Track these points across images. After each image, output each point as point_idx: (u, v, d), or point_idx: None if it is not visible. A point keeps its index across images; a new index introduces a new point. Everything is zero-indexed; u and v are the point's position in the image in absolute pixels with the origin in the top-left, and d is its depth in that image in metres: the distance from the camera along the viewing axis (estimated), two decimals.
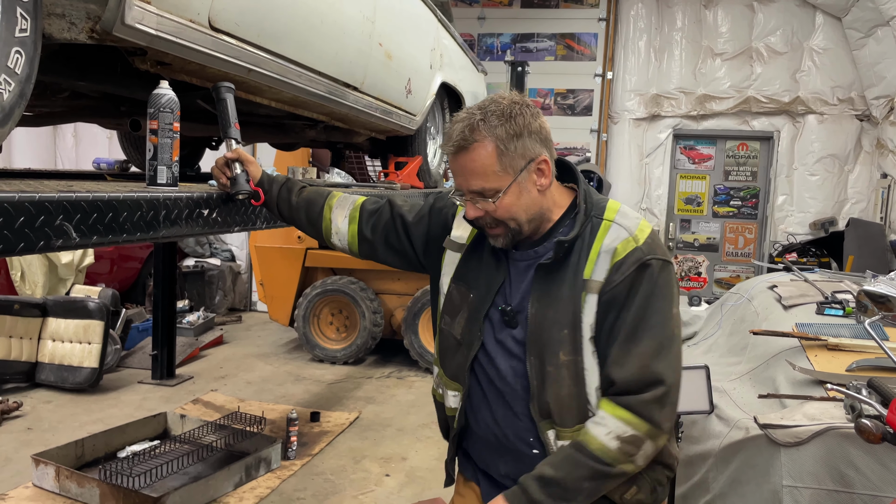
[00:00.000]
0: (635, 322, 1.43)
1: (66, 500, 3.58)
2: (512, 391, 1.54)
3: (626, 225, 1.49)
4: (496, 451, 1.61)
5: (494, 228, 1.52)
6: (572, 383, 1.47)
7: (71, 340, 5.34)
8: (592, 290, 1.45)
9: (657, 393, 1.42)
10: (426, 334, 6.38)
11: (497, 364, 1.56)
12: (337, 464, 4.28)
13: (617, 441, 1.41)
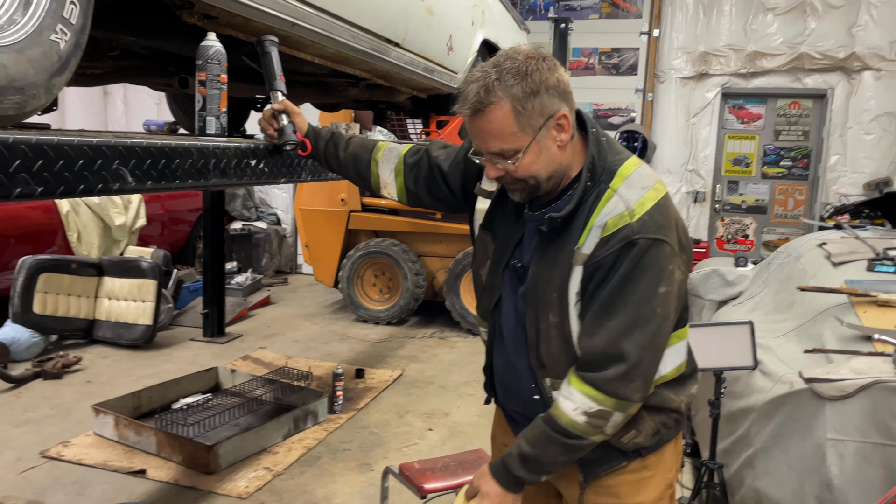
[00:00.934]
0: (610, 298, 1.42)
1: (124, 448, 3.77)
2: (518, 340, 1.60)
3: (626, 197, 1.44)
4: (506, 391, 1.69)
5: (514, 185, 1.52)
6: (562, 341, 1.50)
7: (126, 299, 5.55)
8: (579, 262, 1.45)
9: (620, 370, 1.41)
10: (468, 296, 6.43)
11: (509, 315, 1.61)
12: (381, 418, 4.39)
13: (584, 416, 1.43)
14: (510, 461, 1.51)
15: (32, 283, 5.22)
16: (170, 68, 2.90)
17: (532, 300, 1.52)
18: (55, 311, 5.33)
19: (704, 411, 3.16)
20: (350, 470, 3.66)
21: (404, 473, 2.89)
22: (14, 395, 4.48)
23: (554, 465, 1.49)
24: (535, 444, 1.48)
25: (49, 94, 1.45)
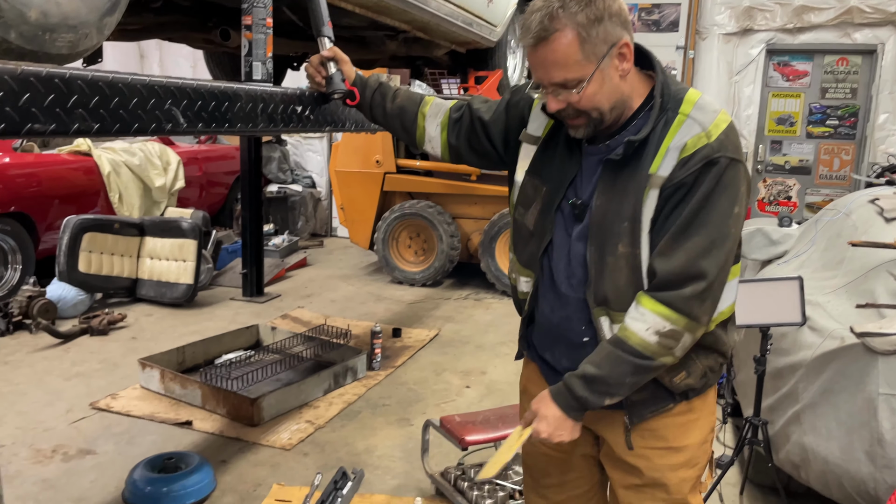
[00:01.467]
0: (690, 217, 1.41)
1: (170, 401, 3.87)
2: (570, 282, 1.57)
3: (700, 120, 1.43)
4: (552, 339, 1.67)
5: (576, 119, 1.49)
6: (630, 273, 1.48)
7: (167, 258, 5.65)
8: (655, 186, 1.43)
9: (698, 288, 1.41)
10: (503, 258, 6.41)
11: (562, 256, 1.58)
12: (419, 375, 4.43)
13: (656, 336, 1.43)
14: (572, 383, 1.49)
15: (77, 243, 5.34)
16: (210, 22, 2.90)
17: (596, 234, 1.50)
18: (99, 270, 5.46)
19: (747, 370, 3.12)
20: (390, 424, 3.71)
21: (445, 426, 2.92)
22: (63, 350, 4.61)
23: (619, 387, 1.47)
24: (601, 365, 1.47)
25: (100, 35, 1.46)
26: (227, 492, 2.97)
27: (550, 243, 1.60)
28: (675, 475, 1.60)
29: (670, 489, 1.59)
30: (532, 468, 1.86)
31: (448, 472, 2.98)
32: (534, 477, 1.86)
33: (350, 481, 2.93)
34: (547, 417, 1.51)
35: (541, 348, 1.73)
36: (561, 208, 1.58)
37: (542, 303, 1.66)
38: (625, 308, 1.49)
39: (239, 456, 3.29)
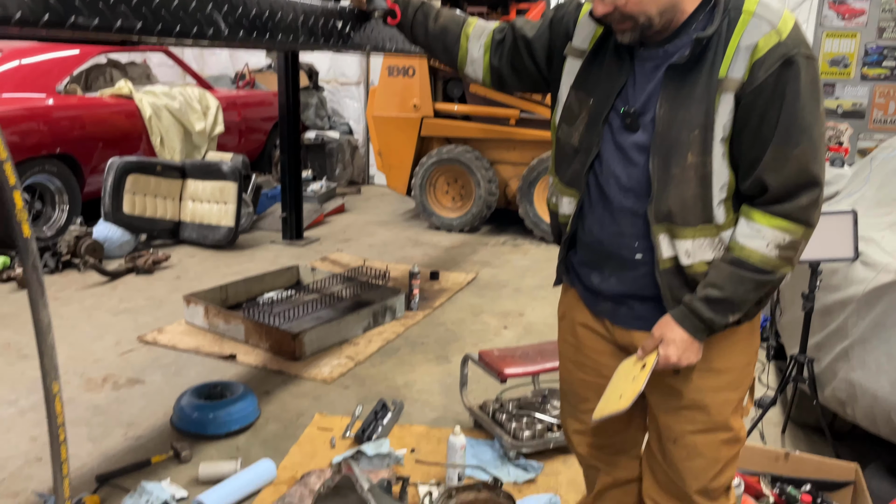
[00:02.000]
0: (788, 123, 1.36)
1: (214, 335, 3.96)
2: (624, 196, 1.52)
3: (768, 17, 1.37)
4: (600, 258, 1.62)
5: (622, 24, 1.44)
6: (698, 184, 1.43)
7: (208, 201, 5.72)
8: (729, 90, 1.38)
9: (813, 196, 1.39)
10: (541, 204, 6.34)
11: (613, 169, 1.53)
12: (457, 316, 4.45)
13: (777, 250, 1.40)
14: (697, 306, 1.46)
15: (121, 184, 5.43)
16: None
17: (661, 145, 1.44)
18: (143, 212, 5.56)
19: (793, 310, 3.06)
20: (428, 361, 3.74)
21: (484, 360, 2.93)
22: (110, 288, 4.74)
23: (744, 303, 1.45)
24: (723, 286, 1.44)
25: None
26: (270, 420, 3.05)
27: (598, 158, 1.55)
28: (717, 397, 1.57)
29: (711, 411, 1.57)
30: (569, 394, 1.85)
31: (486, 404, 3.00)
32: (571, 403, 1.85)
33: (390, 412, 2.99)
34: (675, 341, 1.48)
35: (585, 271, 1.68)
36: (609, 120, 1.53)
37: (588, 221, 1.61)
38: (688, 223, 1.45)
39: (281, 387, 3.36)
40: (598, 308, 1.67)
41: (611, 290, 1.60)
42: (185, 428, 2.89)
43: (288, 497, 2.43)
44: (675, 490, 1.65)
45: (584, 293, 1.72)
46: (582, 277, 1.69)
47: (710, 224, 1.45)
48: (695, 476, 1.60)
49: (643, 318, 1.58)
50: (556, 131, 1.66)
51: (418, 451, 2.81)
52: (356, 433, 2.90)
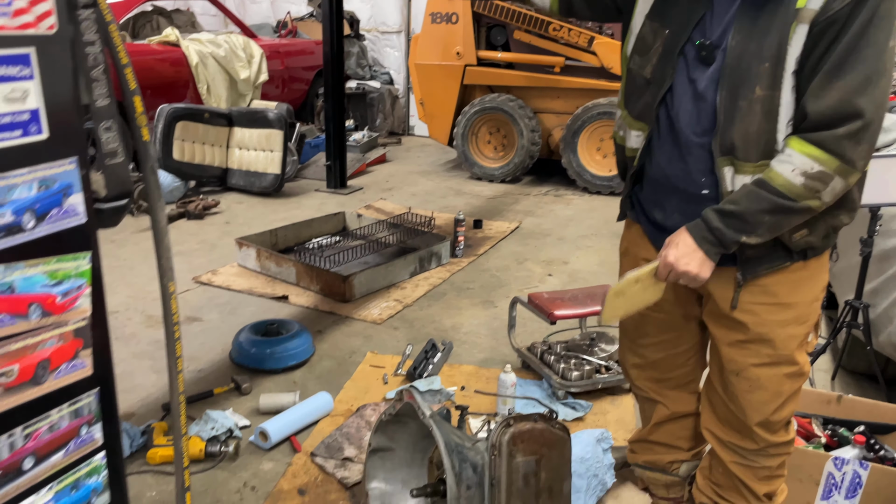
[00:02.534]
0: (845, 53, 1.32)
1: (266, 278, 4.06)
2: (693, 130, 1.50)
3: None
4: (666, 192, 1.61)
5: None
6: (763, 119, 1.40)
7: (255, 149, 5.80)
8: (804, 20, 1.34)
9: (852, 127, 1.33)
10: (585, 153, 6.28)
11: (684, 103, 1.51)
12: (501, 263, 4.48)
13: (802, 177, 1.37)
14: (708, 215, 1.45)
15: (171, 131, 5.52)
16: None
17: (730, 77, 1.43)
18: (192, 159, 5.66)
19: (847, 256, 3.01)
20: (474, 305, 3.80)
21: (533, 302, 2.96)
22: None
23: (757, 225, 1.42)
24: (738, 201, 1.43)
25: None
26: (324, 357, 3.15)
27: (670, 91, 1.53)
28: (783, 331, 1.57)
29: (777, 345, 1.57)
30: (628, 328, 1.87)
31: (535, 346, 3.05)
32: (630, 337, 1.88)
33: (440, 352, 3.06)
34: (678, 244, 1.48)
35: (650, 206, 1.68)
36: (684, 52, 1.50)
37: (656, 155, 1.60)
38: (751, 158, 1.43)
39: (333, 327, 3.46)
40: (662, 244, 1.67)
41: (673, 225, 1.59)
42: (244, 362, 3.00)
43: (345, 427, 2.52)
44: (735, 423, 1.67)
45: (648, 228, 1.72)
46: (647, 212, 1.69)
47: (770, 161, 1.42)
48: (756, 409, 1.62)
49: None
50: (628, 62, 1.64)
51: (468, 388, 2.88)
52: (408, 371, 2.98)
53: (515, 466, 1.82)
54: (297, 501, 2.16)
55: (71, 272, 0.74)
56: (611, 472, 2.18)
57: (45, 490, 0.78)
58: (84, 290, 0.76)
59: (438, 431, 1.77)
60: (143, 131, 1.02)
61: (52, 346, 0.73)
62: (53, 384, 0.76)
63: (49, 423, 0.75)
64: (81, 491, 0.81)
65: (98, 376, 0.82)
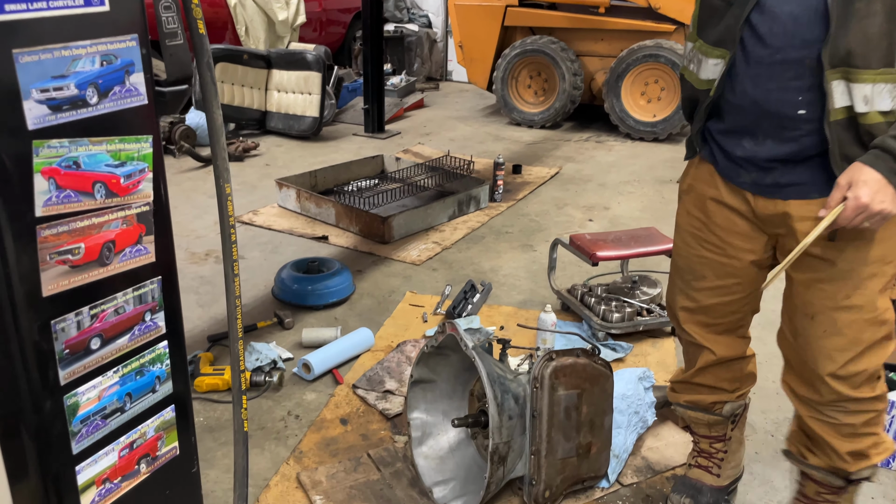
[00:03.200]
0: None
1: (306, 218, 4.09)
2: (791, 43, 1.40)
3: None
4: (754, 118, 1.50)
5: None
6: (885, 19, 1.30)
7: (293, 91, 5.77)
8: None
9: None
10: (629, 98, 6.12)
11: (780, 16, 1.40)
12: (540, 208, 4.43)
13: None
14: (890, 144, 1.33)
15: None
16: None
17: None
18: (231, 101, 5.66)
19: None
20: (513, 248, 3.78)
21: (575, 243, 2.93)
22: (204, 173, 4.92)
23: None
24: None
25: None
26: (364, 295, 3.17)
27: (757, 6, 1.42)
28: (867, 269, 1.48)
29: (857, 285, 1.48)
30: (684, 270, 1.77)
31: (575, 288, 3.03)
32: (685, 279, 1.77)
33: (479, 293, 3.06)
34: (867, 182, 1.32)
35: (733, 138, 1.56)
36: None
37: (741, 81, 1.49)
38: (871, 65, 1.32)
39: (373, 267, 3.47)
40: (742, 179, 1.57)
41: (765, 154, 1.49)
42: (286, 298, 3.04)
43: (386, 361, 2.55)
44: (806, 374, 1.59)
45: (724, 164, 1.60)
46: (725, 147, 1.59)
47: (894, 68, 1.32)
48: (829, 356, 1.53)
49: (799, 184, 1.48)
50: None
51: (507, 329, 2.88)
52: (447, 310, 2.99)
53: (557, 399, 1.83)
54: (340, 430, 2.21)
55: (133, 154, 0.73)
56: (652, 410, 2.17)
57: (111, 372, 0.79)
58: (146, 174, 0.75)
59: (481, 362, 1.78)
60: (198, 24, 1.00)
61: (116, 229, 0.73)
62: (118, 267, 0.77)
63: (115, 306, 0.77)
64: (146, 377, 0.83)
65: (160, 264, 0.82)
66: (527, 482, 1.83)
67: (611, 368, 1.97)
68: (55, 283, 0.71)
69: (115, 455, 0.83)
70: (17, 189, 0.65)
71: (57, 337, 0.72)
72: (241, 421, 0.92)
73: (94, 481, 0.82)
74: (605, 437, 1.95)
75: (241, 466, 0.94)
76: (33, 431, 0.73)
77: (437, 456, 2.03)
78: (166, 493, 0.92)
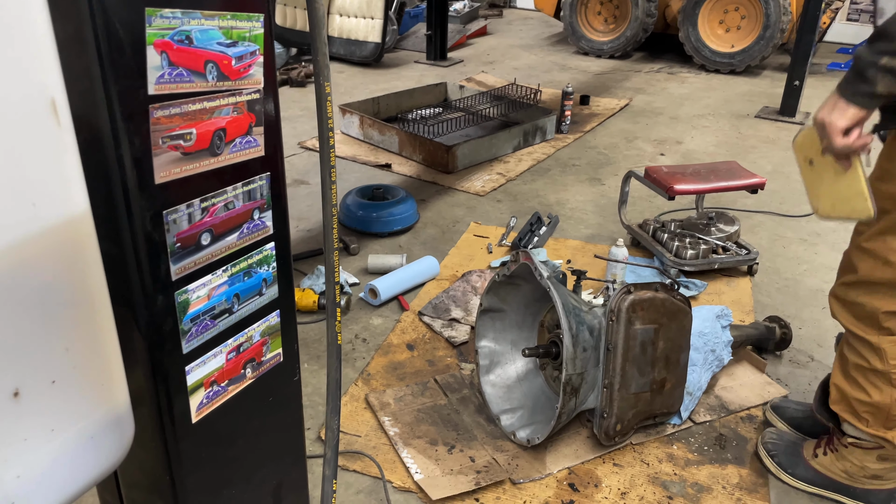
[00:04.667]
0: None
1: (369, 146, 4.04)
2: None
3: None
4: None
5: None
6: None
7: (356, 15, 5.64)
8: None
9: None
10: (706, 27, 5.79)
11: None
12: (609, 141, 4.28)
13: None
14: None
15: None
16: None
17: None
18: (294, 25, 5.58)
19: None
20: (580, 182, 3.66)
21: (650, 175, 2.81)
22: (282, 93, 4.89)
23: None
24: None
25: None
26: (428, 224, 3.13)
27: None
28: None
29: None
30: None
31: (647, 223, 2.92)
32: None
33: (545, 225, 2.98)
34: (826, 103, 1.31)
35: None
36: None
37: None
38: None
39: (436, 197, 3.42)
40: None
41: None
42: (351, 225, 3.03)
43: (452, 290, 2.53)
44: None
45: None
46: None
47: None
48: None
49: None
50: None
51: (574, 262, 2.81)
52: (512, 242, 2.93)
53: (633, 333, 1.77)
54: (407, 355, 2.21)
55: (245, 33, 0.68)
56: (728, 349, 2.09)
57: (220, 270, 0.77)
58: (257, 57, 0.70)
59: (556, 292, 1.72)
60: None
61: (227, 116, 0.69)
62: (229, 158, 0.73)
63: (224, 200, 0.73)
64: (254, 278, 0.81)
65: (269, 159, 0.78)
66: (598, 415, 1.80)
67: (690, 304, 1.89)
68: (167, 171, 0.67)
69: (223, 357, 0.81)
70: (130, 62, 0.60)
71: (169, 229, 0.69)
72: (335, 334, 0.90)
73: (203, 383, 0.81)
74: (680, 373, 1.89)
75: (335, 379, 0.92)
76: (144, 328, 0.72)
77: (504, 385, 2.02)
78: (269, 400, 0.92)
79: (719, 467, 1.80)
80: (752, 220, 3.21)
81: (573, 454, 1.83)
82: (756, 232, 3.10)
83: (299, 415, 1.02)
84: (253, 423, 0.92)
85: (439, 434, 1.87)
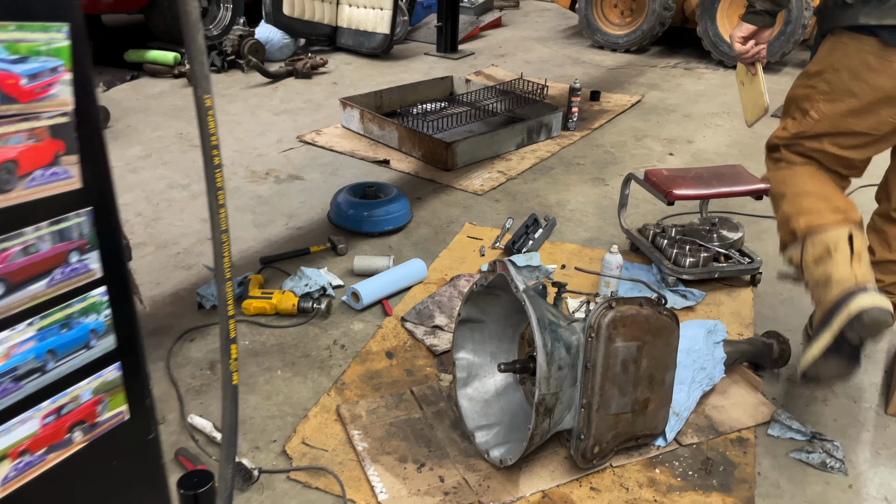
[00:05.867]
0: None
1: (368, 141, 3.95)
2: None
3: None
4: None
5: None
6: None
7: (365, 6, 5.55)
8: None
9: None
10: (725, 21, 5.61)
11: None
12: (617, 139, 4.15)
13: None
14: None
15: None
16: None
17: None
18: (302, 14, 5.49)
19: None
20: (583, 182, 3.55)
21: (650, 179, 2.69)
22: (271, 89, 4.82)
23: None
24: None
25: None
26: (421, 224, 3.04)
27: None
28: None
29: None
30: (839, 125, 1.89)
31: (646, 228, 2.81)
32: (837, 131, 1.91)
33: (541, 227, 2.88)
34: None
35: None
36: None
37: None
38: None
39: (433, 195, 3.33)
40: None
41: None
42: (341, 223, 2.95)
43: (437, 295, 2.44)
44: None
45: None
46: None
47: None
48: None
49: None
50: None
51: (569, 267, 2.71)
52: (506, 244, 2.83)
53: (614, 351, 1.67)
54: (385, 364, 2.12)
55: (40, 48, 0.59)
56: (721, 366, 1.98)
57: (22, 325, 0.68)
58: (61, 74, 0.61)
59: (531, 307, 1.63)
60: None
61: (18, 145, 0.60)
62: (24, 194, 0.63)
63: (23, 243, 0.64)
64: (75, 330, 0.71)
65: (91, 192, 0.69)
66: (575, 436, 1.70)
67: (677, 320, 1.78)
68: None
69: (38, 422, 0.72)
70: None
71: None
72: (229, 374, 0.81)
73: (8, 454, 0.71)
74: (664, 393, 1.79)
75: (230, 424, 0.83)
76: None
77: (482, 399, 1.93)
78: (113, 465, 0.83)
79: (703, 494, 1.70)
80: (759, 225, 3.08)
81: (548, 476, 1.74)
82: (763, 239, 2.97)
83: (159, 474, 0.91)
84: (90, 490, 0.81)
85: (410, 450, 1.79)
